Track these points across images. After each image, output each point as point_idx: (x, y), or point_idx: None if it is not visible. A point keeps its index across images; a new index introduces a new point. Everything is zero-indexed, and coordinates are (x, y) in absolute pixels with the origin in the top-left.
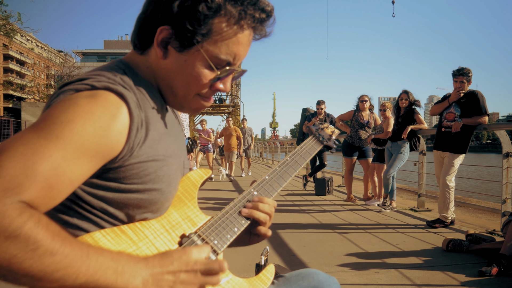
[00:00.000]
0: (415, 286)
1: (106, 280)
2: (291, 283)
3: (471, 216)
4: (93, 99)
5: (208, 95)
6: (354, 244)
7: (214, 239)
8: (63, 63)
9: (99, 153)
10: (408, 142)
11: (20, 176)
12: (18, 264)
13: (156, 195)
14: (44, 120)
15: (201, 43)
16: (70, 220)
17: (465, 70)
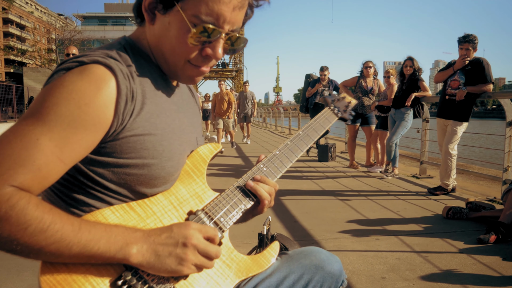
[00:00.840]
0: (414, 253)
1: (98, 250)
2: (293, 261)
3: (472, 184)
4: (80, 76)
5: (199, 63)
6: (355, 211)
7: (221, 217)
8: (64, 27)
9: (87, 129)
10: (412, 109)
11: (9, 162)
12: (15, 241)
13: (156, 170)
14: (35, 105)
15: (180, 3)
16: (78, 197)
17: (471, 37)
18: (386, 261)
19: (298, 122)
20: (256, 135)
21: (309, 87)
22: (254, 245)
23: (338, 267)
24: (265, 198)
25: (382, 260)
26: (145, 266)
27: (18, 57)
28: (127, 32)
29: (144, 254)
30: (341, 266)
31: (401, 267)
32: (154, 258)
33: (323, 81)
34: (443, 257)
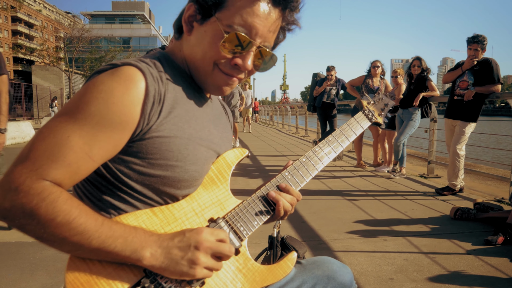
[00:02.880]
0: (421, 254)
1: (115, 248)
2: (306, 271)
3: (480, 184)
4: (111, 76)
5: (227, 70)
6: (363, 211)
7: (241, 226)
8: (72, 26)
9: (116, 128)
10: (420, 109)
11: (43, 157)
12: (42, 229)
13: (179, 172)
14: (69, 105)
15: (217, 13)
16: (105, 199)
17: (480, 37)
18: (393, 262)
19: (305, 121)
20: (263, 134)
21: (316, 86)
22: (263, 245)
23: (349, 278)
24: (286, 210)
25: (389, 261)
26: (157, 269)
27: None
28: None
29: (158, 258)
30: (352, 277)
31: (409, 268)
32: (167, 261)
33: (330, 80)
34: (450, 258)
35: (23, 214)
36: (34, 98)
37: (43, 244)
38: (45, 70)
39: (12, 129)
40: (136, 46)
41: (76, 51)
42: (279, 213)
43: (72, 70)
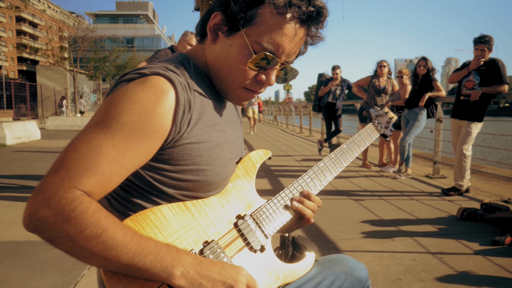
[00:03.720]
0: (429, 254)
1: (145, 264)
2: (324, 268)
3: (486, 184)
4: (141, 86)
5: (253, 88)
6: (369, 211)
7: (266, 224)
8: (78, 26)
9: (147, 137)
10: (425, 109)
11: (76, 167)
12: (71, 243)
13: (210, 175)
14: (100, 114)
15: (245, 28)
16: (135, 201)
17: (486, 38)
18: (401, 262)
19: (310, 121)
20: (267, 133)
21: (321, 86)
22: (274, 245)
23: (365, 274)
24: (309, 216)
25: (397, 261)
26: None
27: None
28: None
29: (188, 279)
30: (367, 273)
31: (417, 268)
32: (197, 285)
33: (335, 80)
34: (458, 259)
35: (54, 226)
36: (38, 97)
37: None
38: (50, 69)
39: (18, 128)
40: (140, 46)
41: (80, 51)
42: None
43: (77, 70)
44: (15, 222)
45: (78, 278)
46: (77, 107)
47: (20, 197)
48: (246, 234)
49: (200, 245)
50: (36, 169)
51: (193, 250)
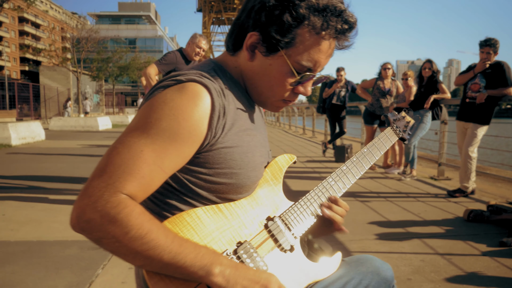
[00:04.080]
0: (438, 255)
1: (185, 263)
2: (351, 268)
3: (491, 186)
4: (179, 93)
5: (290, 98)
6: (376, 212)
7: (295, 225)
8: (82, 26)
9: (185, 142)
10: (430, 112)
11: (119, 171)
12: (117, 243)
13: (242, 179)
14: (139, 120)
15: (285, 49)
16: (170, 202)
17: (492, 41)
18: (410, 263)
19: (313, 122)
20: (270, 134)
21: (326, 88)
22: None
23: (390, 274)
24: (339, 222)
25: (406, 262)
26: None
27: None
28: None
29: (225, 277)
30: (392, 273)
31: (426, 269)
32: (233, 283)
33: (339, 81)
34: (466, 260)
35: (100, 227)
36: (41, 98)
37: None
38: (53, 70)
39: (23, 129)
40: (142, 47)
41: (84, 51)
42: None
43: (80, 71)
44: (25, 222)
45: (92, 278)
46: (80, 108)
47: (29, 197)
48: (276, 234)
49: (233, 245)
50: (43, 170)
51: (227, 250)
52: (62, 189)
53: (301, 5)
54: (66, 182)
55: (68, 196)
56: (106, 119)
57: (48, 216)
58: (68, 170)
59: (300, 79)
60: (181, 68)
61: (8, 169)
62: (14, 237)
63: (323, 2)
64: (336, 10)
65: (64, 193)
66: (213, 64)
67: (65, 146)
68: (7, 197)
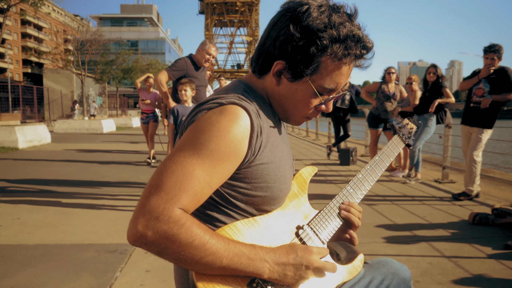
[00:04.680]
0: (444, 258)
1: (241, 265)
2: (373, 269)
3: (495, 189)
4: (222, 116)
5: (313, 115)
6: (383, 215)
7: (322, 232)
8: (86, 29)
9: (230, 160)
10: (435, 116)
11: (175, 188)
12: (182, 252)
13: (276, 191)
14: (188, 140)
15: (309, 76)
16: (211, 214)
17: (496, 47)
18: (418, 265)
19: (316, 125)
20: None
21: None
22: None
23: (408, 275)
24: (357, 223)
25: (414, 264)
26: (273, 280)
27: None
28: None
29: (274, 272)
30: (410, 274)
31: (433, 271)
32: (282, 276)
33: (345, 85)
34: (473, 262)
35: (165, 240)
36: (45, 100)
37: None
38: (56, 73)
39: (29, 132)
40: (144, 49)
41: (89, 54)
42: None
43: (84, 74)
44: (41, 226)
45: (112, 280)
46: (84, 110)
47: (42, 201)
48: (307, 241)
49: None
50: (53, 173)
51: None
52: (73, 192)
53: (324, 37)
54: (77, 186)
55: (80, 200)
56: (110, 121)
57: (62, 220)
58: (78, 173)
59: (323, 101)
60: (191, 75)
61: (18, 173)
62: (31, 241)
63: (344, 32)
64: (355, 37)
65: (76, 197)
66: (244, 86)
67: (70, 148)
68: (20, 201)
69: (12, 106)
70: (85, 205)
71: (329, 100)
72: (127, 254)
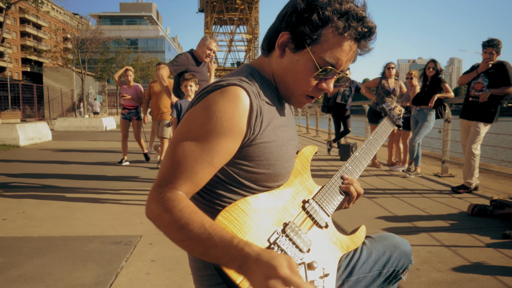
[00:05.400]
0: (444, 247)
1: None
2: (376, 242)
3: (493, 182)
4: (221, 96)
5: (314, 94)
6: (383, 208)
7: (327, 205)
8: (86, 27)
9: (229, 140)
10: (434, 110)
11: (175, 171)
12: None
13: (278, 169)
14: (187, 123)
15: (311, 46)
16: (218, 192)
17: (494, 41)
18: (418, 254)
19: (316, 121)
20: None
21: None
22: None
23: (409, 248)
24: (359, 192)
25: (414, 253)
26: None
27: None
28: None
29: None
30: (410, 248)
31: (433, 259)
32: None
33: None
34: (471, 251)
35: (158, 217)
36: (45, 99)
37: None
38: (56, 71)
39: (30, 130)
40: (144, 47)
41: (89, 52)
42: (353, 194)
43: (85, 72)
44: (46, 219)
45: (118, 270)
46: (85, 108)
47: (46, 195)
48: (313, 214)
49: (281, 226)
50: (54, 169)
51: (276, 230)
52: (76, 187)
53: (327, 9)
54: (80, 180)
55: (83, 194)
56: (111, 119)
57: (67, 214)
58: (80, 169)
59: (321, 71)
60: (192, 70)
61: (20, 169)
62: (37, 233)
63: (346, 7)
64: (358, 16)
65: (79, 192)
66: (250, 69)
67: (71, 146)
68: (24, 196)
69: (12, 105)
70: (89, 199)
71: (329, 76)
72: (132, 245)
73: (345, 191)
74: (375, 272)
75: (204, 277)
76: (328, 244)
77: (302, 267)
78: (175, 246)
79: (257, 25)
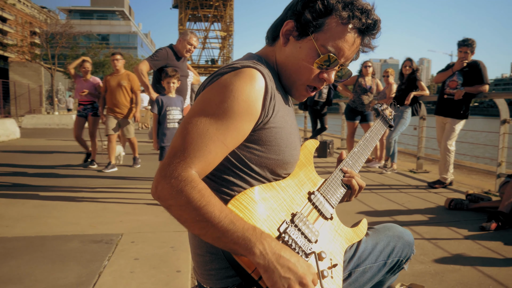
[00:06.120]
0: (424, 240)
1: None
2: (380, 233)
3: (466, 177)
4: (237, 77)
5: (315, 84)
6: (363, 203)
7: (331, 197)
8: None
9: (244, 120)
10: (410, 108)
11: (189, 149)
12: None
13: (287, 156)
14: (203, 103)
15: (314, 34)
16: (227, 178)
17: (469, 41)
18: None
19: (305, 120)
20: None
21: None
22: None
23: (412, 238)
24: (361, 185)
25: None
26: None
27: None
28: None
29: (266, 260)
30: (413, 238)
31: (415, 252)
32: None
33: None
34: (451, 243)
35: (170, 196)
36: (11, 95)
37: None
38: (23, 66)
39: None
40: (116, 43)
41: (58, 47)
42: (355, 187)
43: (55, 68)
44: (20, 219)
45: (100, 269)
46: (55, 105)
47: (18, 194)
48: (319, 205)
49: (289, 216)
50: (25, 167)
51: (286, 220)
52: (50, 186)
53: None
54: (53, 178)
55: (58, 193)
56: None
57: (42, 212)
58: (52, 167)
59: (323, 59)
60: (172, 64)
61: None
62: (11, 233)
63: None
64: (363, 7)
65: (53, 190)
66: (257, 57)
67: (41, 144)
68: None
69: None
70: (64, 198)
71: (331, 65)
72: (113, 243)
73: (347, 184)
74: (381, 263)
75: (212, 271)
76: (333, 235)
77: (312, 257)
78: (158, 244)
79: (232, 22)
